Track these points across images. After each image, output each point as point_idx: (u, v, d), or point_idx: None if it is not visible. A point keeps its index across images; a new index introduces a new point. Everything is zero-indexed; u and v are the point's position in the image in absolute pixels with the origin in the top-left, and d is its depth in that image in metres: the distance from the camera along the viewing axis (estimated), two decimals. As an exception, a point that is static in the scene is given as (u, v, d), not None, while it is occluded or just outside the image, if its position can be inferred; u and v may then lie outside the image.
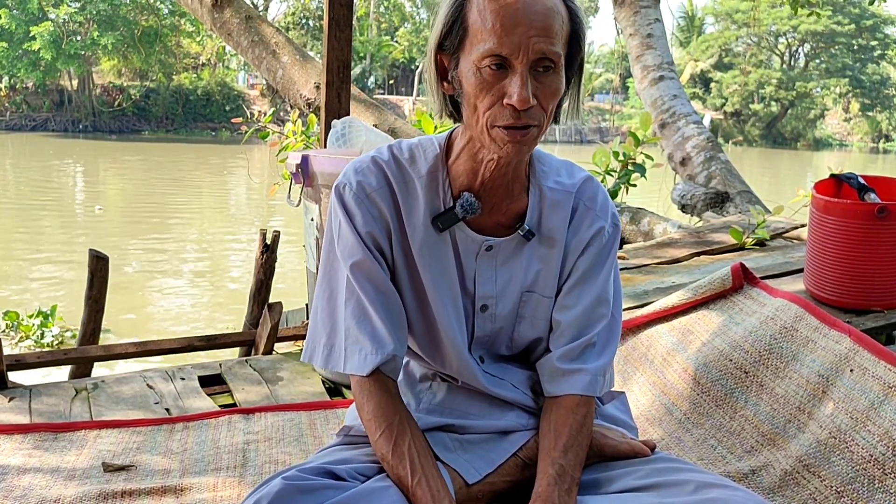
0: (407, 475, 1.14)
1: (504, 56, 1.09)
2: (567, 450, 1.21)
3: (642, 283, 2.95)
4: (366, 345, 1.23)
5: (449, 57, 1.17)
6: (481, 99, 1.12)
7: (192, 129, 34.22)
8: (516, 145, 1.13)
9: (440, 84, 1.20)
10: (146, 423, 2.17)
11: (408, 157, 1.29)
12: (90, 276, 2.94)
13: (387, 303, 1.25)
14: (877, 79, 42.74)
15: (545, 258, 1.29)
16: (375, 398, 1.22)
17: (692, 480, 1.14)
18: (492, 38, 1.09)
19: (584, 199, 1.31)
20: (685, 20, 47.01)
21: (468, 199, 1.24)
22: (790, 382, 1.79)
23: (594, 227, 1.30)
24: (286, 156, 4.04)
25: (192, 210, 14.14)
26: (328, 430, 2.16)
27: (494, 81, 1.11)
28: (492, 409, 1.32)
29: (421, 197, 1.26)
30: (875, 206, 2.24)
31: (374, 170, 1.27)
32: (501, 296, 1.29)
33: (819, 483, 1.56)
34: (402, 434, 1.19)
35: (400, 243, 1.27)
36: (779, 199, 5.06)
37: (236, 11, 6.57)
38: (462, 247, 1.27)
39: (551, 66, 1.11)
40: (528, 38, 1.08)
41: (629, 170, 4.55)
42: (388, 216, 1.26)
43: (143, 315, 7.34)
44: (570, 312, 1.30)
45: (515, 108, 1.10)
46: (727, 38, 43.65)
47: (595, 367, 1.28)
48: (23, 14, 30.12)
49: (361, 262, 1.24)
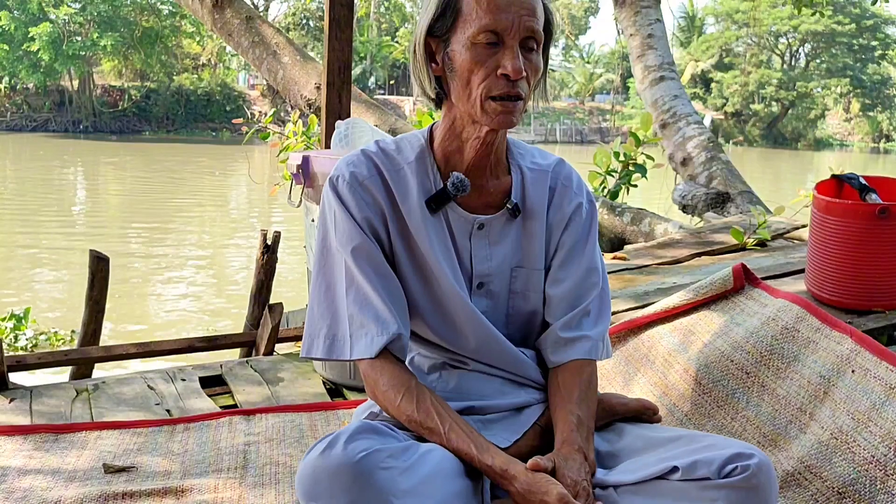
0: (437, 425, 1.22)
1: (498, 32, 1.21)
2: (581, 402, 1.31)
3: (643, 284, 2.95)
4: (371, 328, 1.28)
5: (438, 40, 1.27)
6: (476, 72, 1.22)
7: (193, 130, 34.24)
8: (507, 116, 1.23)
9: (429, 65, 1.28)
10: (147, 424, 2.17)
11: (395, 148, 1.37)
12: (91, 277, 2.94)
13: (388, 286, 1.30)
14: (877, 79, 42.74)
15: (530, 234, 1.38)
16: (389, 370, 1.28)
17: (684, 434, 1.28)
18: (487, 16, 1.20)
19: (562, 178, 1.42)
20: (685, 20, 47.03)
21: (458, 177, 1.31)
22: (791, 383, 1.78)
23: (573, 203, 1.41)
24: (287, 156, 4.04)
25: (192, 211, 14.14)
26: (329, 432, 2.15)
27: (488, 55, 1.22)
28: (504, 387, 1.38)
29: (412, 181, 1.33)
30: (876, 206, 2.24)
31: (364, 161, 1.35)
32: (496, 273, 1.36)
33: (821, 484, 1.56)
34: (422, 393, 1.26)
35: (397, 227, 1.33)
36: (779, 199, 5.06)
37: (237, 12, 6.58)
38: (455, 226, 1.35)
39: (535, 45, 1.24)
40: (519, 17, 1.21)
41: (630, 170, 4.55)
42: (382, 202, 1.33)
43: (144, 316, 7.34)
44: (563, 285, 1.39)
45: (509, 78, 1.21)
46: (727, 38, 43.65)
47: (595, 332, 1.38)
48: (23, 15, 30.13)
49: (361, 245, 1.30)
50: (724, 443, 1.20)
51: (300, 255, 7.91)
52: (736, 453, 1.15)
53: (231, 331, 5.56)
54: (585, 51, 50.41)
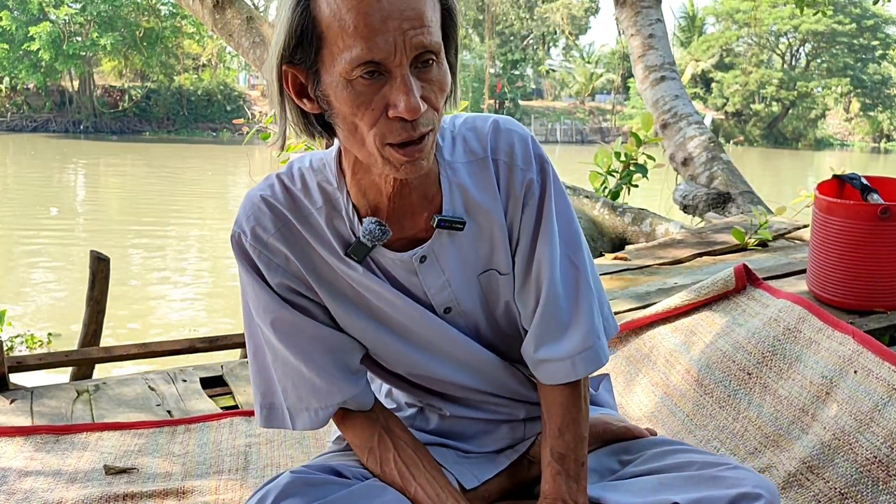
0: (403, 489, 1.14)
1: (377, 61, 0.91)
2: (563, 432, 1.15)
3: (644, 284, 2.94)
4: (310, 401, 1.15)
5: (305, 72, 0.97)
6: (360, 116, 0.94)
7: (194, 130, 34.25)
8: (415, 163, 0.98)
9: (299, 102, 1.00)
10: (148, 425, 2.17)
11: (300, 188, 1.11)
12: (91, 278, 2.94)
13: (324, 347, 1.13)
14: (878, 78, 42.70)
15: (487, 236, 1.14)
16: (351, 428, 1.20)
17: (693, 462, 1.14)
18: (358, 43, 0.90)
19: (502, 157, 1.13)
20: (686, 20, 47.00)
21: (370, 225, 1.07)
22: (793, 384, 1.78)
23: (523, 182, 1.13)
24: (287, 157, 4.04)
25: (193, 211, 14.14)
26: (330, 433, 2.15)
27: (372, 92, 0.93)
28: (487, 427, 1.28)
29: (325, 230, 1.10)
30: (878, 206, 2.24)
31: (265, 211, 1.10)
32: (459, 291, 1.15)
33: (823, 485, 1.55)
34: (385, 452, 1.16)
35: (325, 277, 1.12)
36: (780, 199, 5.06)
37: (237, 12, 6.57)
38: (393, 269, 1.12)
39: (433, 58, 0.95)
40: (402, 34, 0.90)
41: (631, 170, 4.55)
42: (294, 260, 1.11)
43: (144, 316, 7.33)
44: (528, 284, 1.16)
45: (405, 119, 0.94)
46: (728, 38, 43.62)
47: (568, 349, 1.15)
48: (23, 15, 30.14)
49: (280, 318, 1.11)
50: (733, 478, 1.08)
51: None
52: (742, 493, 1.04)
53: (232, 331, 5.55)
54: (586, 51, 50.38)
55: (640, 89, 6.93)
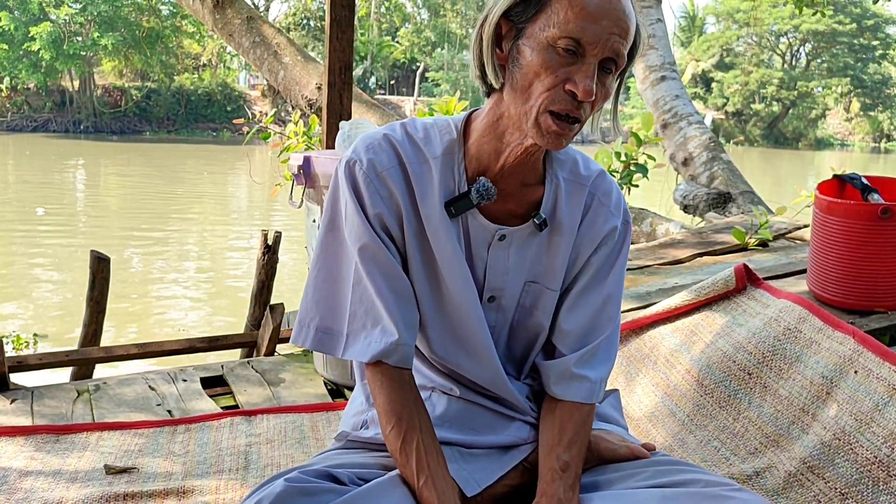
0: (414, 475, 1.13)
1: (581, 43, 1.05)
2: (571, 445, 1.21)
3: (645, 284, 2.94)
4: (372, 332, 1.19)
5: (512, 24, 1.10)
6: (542, 77, 1.07)
7: (194, 130, 34.23)
8: (558, 138, 1.10)
9: (494, 49, 1.12)
10: (148, 425, 2.17)
11: (422, 136, 1.22)
12: (91, 278, 2.94)
13: (395, 288, 1.19)
14: (878, 78, 42.69)
15: (555, 250, 1.24)
16: (386, 390, 1.18)
17: (699, 479, 1.14)
18: (576, 21, 1.05)
19: (599, 195, 1.27)
20: (686, 20, 47.00)
21: (484, 183, 1.18)
22: (794, 384, 1.78)
23: (608, 225, 1.26)
24: (288, 157, 4.04)
25: (193, 211, 14.14)
26: (330, 433, 2.15)
27: (562, 64, 1.06)
28: (494, 422, 1.29)
29: (435, 178, 1.19)
30: (878, 206, 2.24)
31: (386, 147, 1.20)
32: (509, 287, 1.24)
33: (823, 485, 1.55)
34: (411, 430, 1.16)
35: (413, 227, 1.20)
36: (780, 199, 5.06)
37: (237, 12, 6.58)
38: (474, 235, 1.22)
39: (613, 68, 1.10)
40: (609, 34, 1.06)
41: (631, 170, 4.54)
42: (399, 198, 1.19)
43: (144, 316, 7.34)
44: (579, 312, 1.27)
45: (576, 97, 1.07)
46: (728, 37, 43.61)
47: (598, 375, 1.27)
48: (24, 15, 30.15)
49: (368, 245, 1.18)
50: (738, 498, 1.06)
51: (301, 256, 7.90)
52: None
53: (232, 331, 5.56)
54: (586, 51, 50.40)
55: (641, 89, 6.94)
